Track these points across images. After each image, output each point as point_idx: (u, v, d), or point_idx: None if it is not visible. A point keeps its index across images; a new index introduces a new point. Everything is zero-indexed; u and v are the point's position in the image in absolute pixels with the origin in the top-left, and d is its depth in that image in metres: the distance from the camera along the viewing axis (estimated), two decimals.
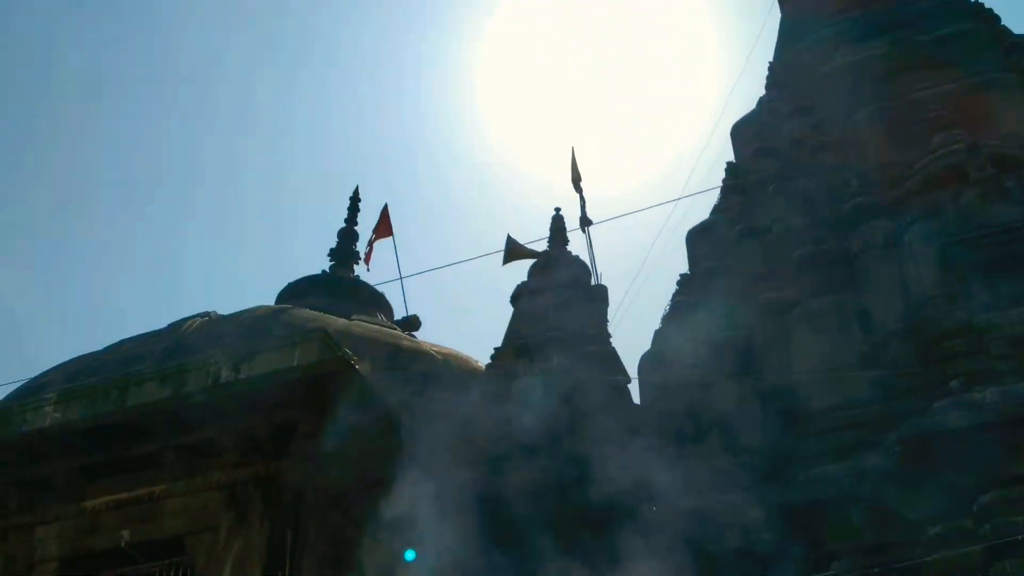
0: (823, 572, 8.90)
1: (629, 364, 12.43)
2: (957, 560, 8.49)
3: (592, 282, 13.47)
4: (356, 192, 19.22)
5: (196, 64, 44.65)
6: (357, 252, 18.26)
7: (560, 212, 14.28)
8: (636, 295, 16.37)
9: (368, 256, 17.51)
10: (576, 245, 14.08)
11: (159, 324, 14.26)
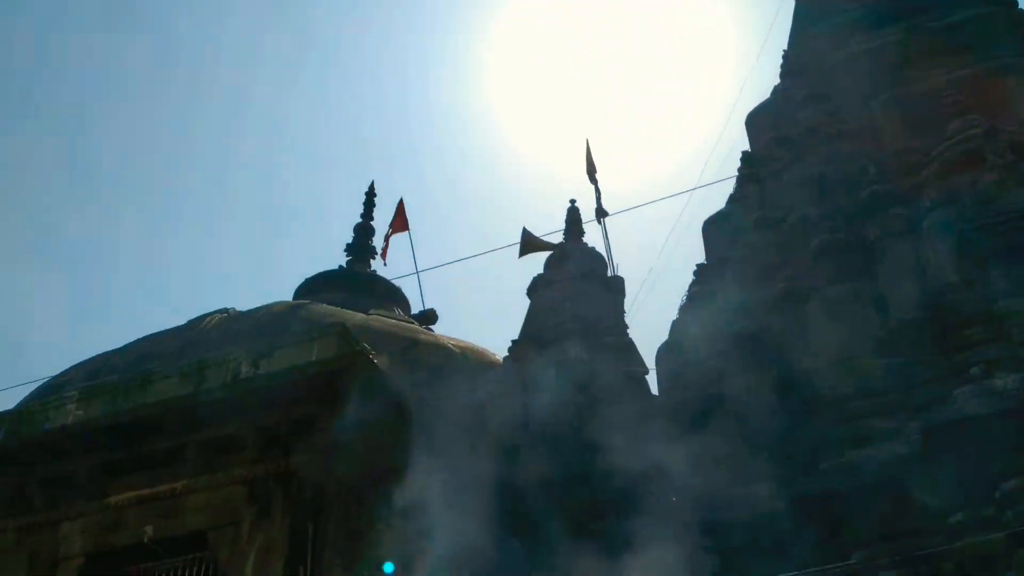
0: (845, 561, 8.87)
1: (646, 355, 12.44)
2: (979, 548, 8.45)
3: (608, 273, 13.45)
4: (372, 187, 19.28)
5: (226, 63, 44.81)
6: (373, 247, 18.31)
7: (575, 204, 14.27)
8: (653, 286, 16.35)
9: (384, 251, 17.57)
10: (592, 237, 14.08)
11: (178, 321, 14.38)
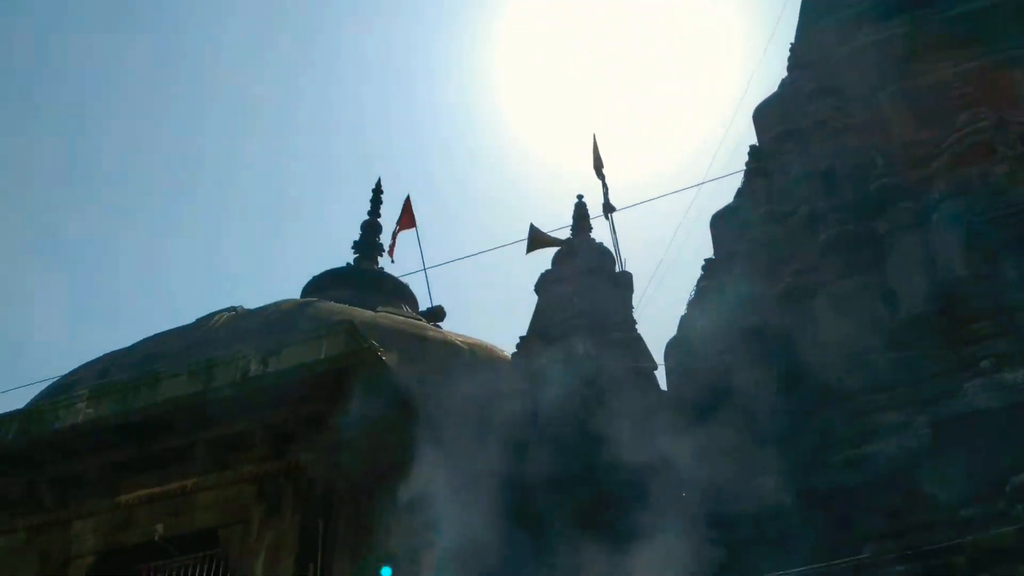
0: (856, 556, 8.85)
1: (655, 350, 12.42)
2: (990, 541, 8.42)
3: (616, 269, 13.42)
4: (378, 184, 19.28)
5: (231, 62, 44.87)
6: (381, 244, 18.32)
7: (583, 199, 14.22)
8: (661, 281, 16.31)
9: (392, 248, 17.58)
10: (599, 232, 14.04)
11: (186, 320, 14.41)
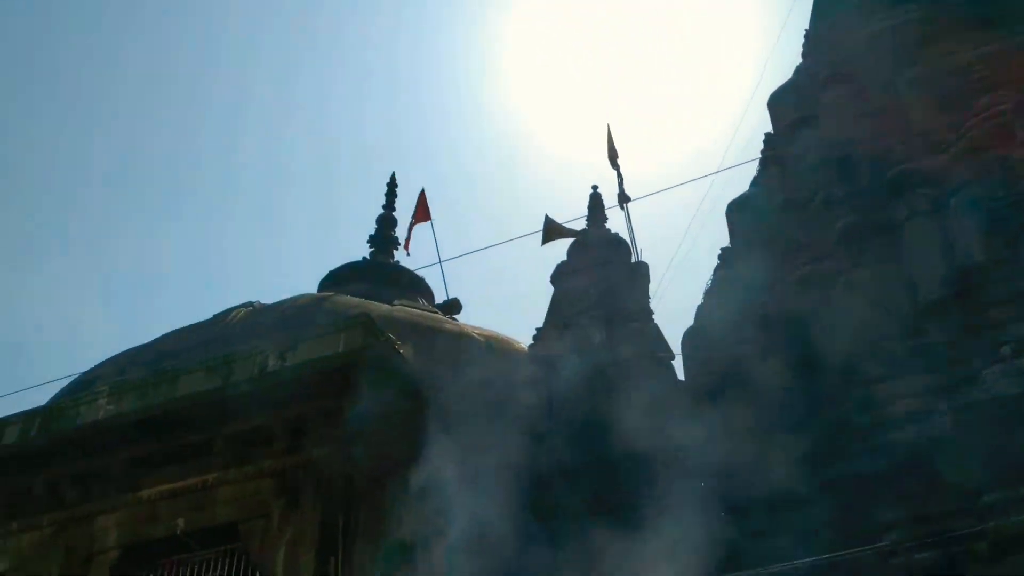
0: (877, 544, 8.82)
1: (672, 340, 12.40)
2: (1012, 527, 8.38)
3: (632, 259, 13.39)
4: (393, 178, 19.34)
5: (235, 54, 45.01)
6: (396, 238, 18.39)
7: (597, 190, 14.19)
8: (678, 270, 16.25)
9: (407, 241, 17.64)
10: (615, 223, 14.01)
11: (204, 315, 14.48)
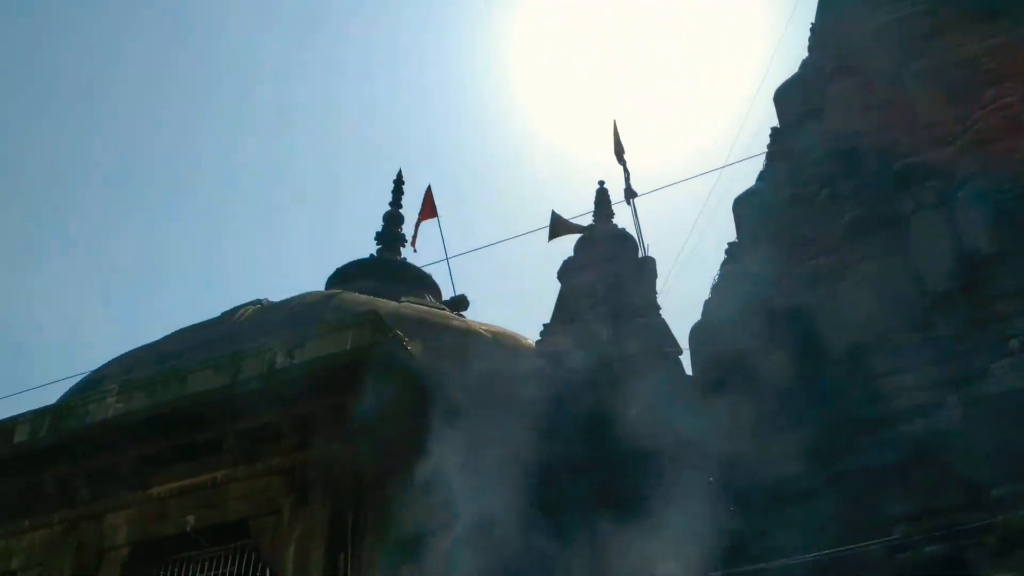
0: (885, 537, 8.82)
1: (680, 335, 12.40)
2: (1021, 522, 8.37)
3: (639, 254, 13.40)
4: (400, 175, 19.37)
5: (240, 50, 45.06)
6: (403, 235, 18.42)
7: (604, 185, 14.22)
8: (685, 265, 16.26)
9: (414, 238, 17.67)
10: (622, 218, 14.04)
11: (212, 313, 14.53)
